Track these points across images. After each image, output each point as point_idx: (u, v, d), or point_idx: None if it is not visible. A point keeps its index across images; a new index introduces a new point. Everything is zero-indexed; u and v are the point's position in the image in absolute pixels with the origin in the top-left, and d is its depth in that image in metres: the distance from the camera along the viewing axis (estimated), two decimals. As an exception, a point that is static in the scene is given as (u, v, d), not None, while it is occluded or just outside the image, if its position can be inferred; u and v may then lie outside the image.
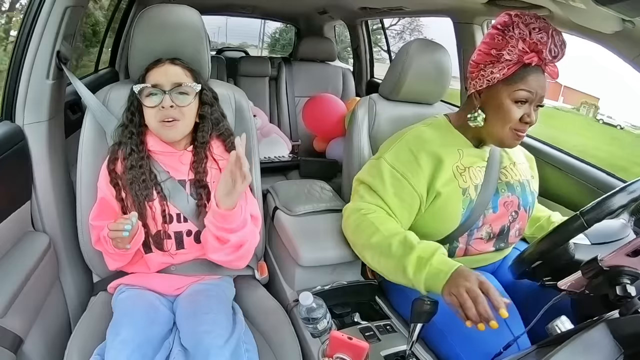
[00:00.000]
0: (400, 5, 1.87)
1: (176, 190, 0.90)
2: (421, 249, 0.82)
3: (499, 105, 0.87)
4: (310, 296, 0.86)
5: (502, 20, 0.86)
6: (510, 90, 0.86)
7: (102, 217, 0.90)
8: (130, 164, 0.88)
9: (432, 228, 0.94)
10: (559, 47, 0.84)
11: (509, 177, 0.97)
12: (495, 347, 0.73)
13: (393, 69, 1.18)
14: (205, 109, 0.93)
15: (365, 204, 0.95)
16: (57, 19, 0.94)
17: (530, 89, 0.85)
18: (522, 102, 0.86)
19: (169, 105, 0.85)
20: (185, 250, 0.92)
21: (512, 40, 0.84)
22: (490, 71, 0.87)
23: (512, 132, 0.89)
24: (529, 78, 0.85)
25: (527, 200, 0.98)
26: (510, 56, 0.84)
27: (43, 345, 0.93)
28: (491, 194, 0.93)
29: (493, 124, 0.90)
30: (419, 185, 0.91)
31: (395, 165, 0.93)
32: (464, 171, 0.93)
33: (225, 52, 3.87)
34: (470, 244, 0.94)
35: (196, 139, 0.93)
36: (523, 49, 0.83)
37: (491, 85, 0.88)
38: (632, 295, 0.62)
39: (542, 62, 0.85)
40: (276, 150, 2.16)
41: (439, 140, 0.95)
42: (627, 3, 0.68)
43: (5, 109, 0.96)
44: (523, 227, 1.00)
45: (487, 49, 0.88)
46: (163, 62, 0.90)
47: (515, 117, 0.87)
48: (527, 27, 0.83)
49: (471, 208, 0.91)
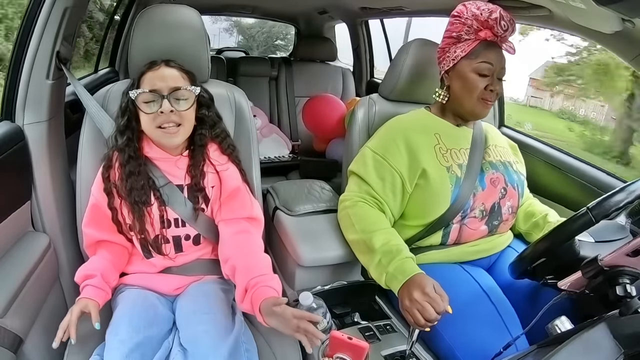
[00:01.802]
0: (400, 5, 1.87)
1: (174, 195, 0.89)
2: (382, 253, 0.89)
3: (464, 78, 0.98)
4: (310, 296, 0.86)
5: (458, 9, 0.99)
6: (472, 64, 0.97)
7: (94, 224, 0.90)
8: (129, 170, 0.86)
9: (426, 208, 0.97)
10: (508, 22, 0.96)
11: (492, 157, 1.04)
12: (495, 347, 0.73)
13: (393, 69, 1.18)
14: (202, 111, 0.92)
15: (350, 194, 1.03)
16: (57, 19, 0.94)
17: (489, 60, 0.96)
18: (484, 75, 0.97)
19: (168, 110, 0.83)
20: (184, 253, 0.92)
21: (467, 21, 0.96)
22: (453, 51, 0.99)
23: (480, 101, 0.98)
24: (486, 52, 0.96)
25: (512, 178, 1.03)
26: (468, 35, 0.97)
27: (43, 345, 0.93)
28: (477, 171, 0.99)
29: (462, 96, 1.00)
30: (398, 164, 0.98)
31: (377, 150, 1.02)
32: (446, 152, 1.00)
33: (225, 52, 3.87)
34: (465, 223, 0.98)
35: (193, 142, 0.91)
36: (477, 27, 0.96)
37: (456, 63, 0.99)
38: (632, 295, 0.62)
39: (497, 38, 0.96)
40: (276, 150, 2.16)
41: (416, 124, 1.04)
42: (627, 3, 0.68)
43: (5, 109, 0.96)
44: (515, 205, 1.03)
45: (448, 34, 1.01)
46: (158, 64, 0.88)
47: (480, 86, 0.97)
48: (478, 9, 0.96)
49: (459, 186, 0.96)
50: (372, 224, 0.95)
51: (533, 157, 1.33)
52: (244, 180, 0.95)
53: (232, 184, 0.92)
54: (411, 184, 0.98)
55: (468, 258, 1.01)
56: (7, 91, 0.95)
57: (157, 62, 0.89)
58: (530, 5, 1.07)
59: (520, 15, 1.14)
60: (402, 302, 0.82)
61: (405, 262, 0.87)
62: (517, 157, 1.13)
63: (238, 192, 0.92)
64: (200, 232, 0.91)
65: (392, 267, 0.86)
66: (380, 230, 0.93)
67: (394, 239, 0.92)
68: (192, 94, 0.87)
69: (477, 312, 0.86)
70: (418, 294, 0.79)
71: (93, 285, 0.83)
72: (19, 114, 0.96)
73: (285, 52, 5.15)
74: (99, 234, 0.90)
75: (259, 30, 5.63)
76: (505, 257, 1.04)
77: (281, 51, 5.39)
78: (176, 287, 0.92)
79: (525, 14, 1.12)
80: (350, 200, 1.01)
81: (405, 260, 0.87)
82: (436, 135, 1.01)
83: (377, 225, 0.95)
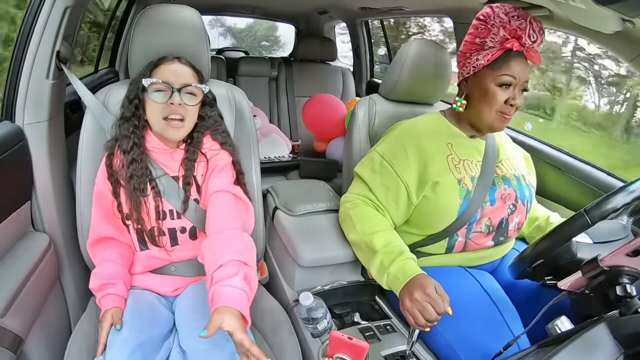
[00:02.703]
0: (400, 5, 1.87)
1: (170, 187, 0.90)
2: (383, 254, 0.89)
3: (485, 89, 0.92)
4: (310, 296, 0.86)
5: (485, 12, 0.93)
6: (494, 75, 0.91)
7: (102, 218, 0.90)
8: (132, 157, 0.87)
9: (431, 220, 0.95)
10: (537, 33, 0.89)
11: (505, 171, 0.99)
12: (495, 347, 0.73)
13: (393, 69, 1.18)
14: (205, 109, 0.94)
15: (352, 195, 1.01)
16: (57, 19, 0.94)
17: (513, 73, 0.90)
18: (507, 85, 0.91)
19: (177, 103, 0.85)
20: (180, 247, 0.92)
21: (493, 29, 0.90)
22: (475, 58, 0.93)
23: (499, 114, 0.93)
24: (511, 63, 0.90)
25: (523, 193, 0.99)
26: (493, 43, 0.91)
27: (43, 345, 0.93)
28: (488, 186, 0.95)
29: (480, 108, 0.94)
30: (405, 175, 0.95)
31: (385, 155, 0.98)
32: (458, 163, 0.96)
33: (225, 52, 3.87)
34: (470, 238, 0.95)
35: (191, 137, 0.93)
36: (504, 36, 0.89)
37: (477, 71, 0.94)
38: (632, 295, 0.62)
39: (523, 48, 0.90)
40: (276, 150, 2.16)
41: (430, 132, 0.99)
42: (627, 3, 0.68)
43: (5, 109, 0.96)
44: (522, 220, 1.00)
45: (472, 38, 0.95)
46: (171, 59, 0.90)
47: (500, 100, 0.91)
48: (507, 15, 0.90)
49: (469, 199, 0.93)
50: (373, 225, 0.94)
51: (533, 157, 1.33)
52: (235, 169, 0.94)
53: (220, 163, 0.92)
54: (418, 196, 0.94)
55: (471, 264, 1.00)
56: (7, 91, 0.95)
57: (169, 57, 0.91)
58: (530, 5, 1.07)
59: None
60: (402, 302, 0.82)
61: (407, 263, 0.86)
62: (529, 169, 1.09)
63: (223, 169, 0.91)
64: (195, 225, 0.91)
65: (394, 268, 0.86)
66: (381, 231, 0.93)
67: (395, 240, 0.92)
68: (201, 91, 0.90)
69: (478, 311, 0.86)
70: (419, 294, 0.79)
71: (116, 295, 0.84)
72: (19, 113, 0.96)
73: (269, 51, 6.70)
74: (107, 228, 0.90)
75: (247, 34, 6.96)
76: (507, 258, 1.04)
77: (266, 51, 6.78)
78: (175, 287, 0.92)
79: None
80: (351, 202, 1.00)
81: (407, 261, 0.87)
82: (449, 145, 0.97)
83: (379, 227, 0.94)
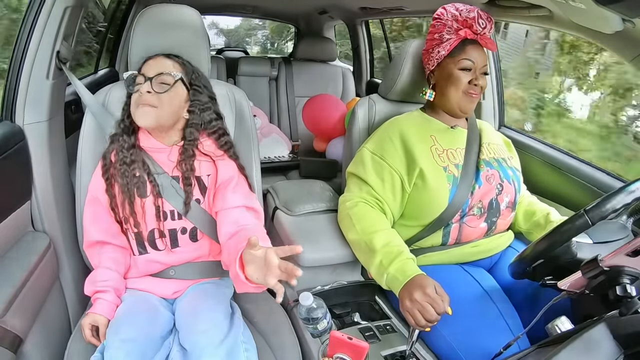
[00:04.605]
0: (400, 5, 1.87)
1: (169, 187, 0.89)
2: (383, 254, 0.90)
3: (448, 75, 1.03)
4: (310, 296, 0.86)
5: (439, 12, 1.05)
6: (455, 61, 1.02)
7: (94, 221, 0.90)
8: (123, 156, 0.88)
9: (425, 208, 0.98)
10: (486, 20, 1.02)
11: (485, 155, 1.06)
12: (495, 347, 0.73)
13: (392, 69, 1.18)
14: (194, 105, 0.91)
15: (350, 194, 1.03)
16: (56, 19, 0.94)
17: (471, 57, 1.01)
18: (467, 70, 1.01)
19: (145, 91, 0.85)
20: (181, 249, 0.91)
21: (448, 22, 1.03)
22: (437, 51, 1.04)
23: (466, 95, 1.02)
24: (468, 49, 1.01)
25: (507, 173, 1.05)
26: (449, 35, 1.02)
27: (43, 345, 0.93)
28: (473, 170, 1.01)
29: (448, 92, 1.03)
30: (396, 164, 1.00)
31: (375, 151, 1.03)
32: (442, 153, 1.02)
33: (225, 52, 3.88)
34: (464, 222, 0.98)
35: (184, 137, 0.92)
36: (457, 27, 1.01)
37: (440, 62, 1.04)
38: (632, 295, 0.62)
39: (476, 35, 1.02)
40: (276, 150, 2.15)
41: (412, 126, 1.06)
42: (627, 3, 0.68)
43: (5, 109, 0.96)
44: (512, 200, 1.04)
45: (431, 35, 1.06)
46: (159, 55, 0.91)
47: (464, 81, 1.01)
48: (457, 10, 1.02)
49: (457, 184, 0.98)
50: (372, 225, 0.95)
51: (533, 157, 1.33)
52: (242, 174, 0.95)
53: (228, 173, 0.92)
54: (410, 184, 0.99)
55: (469, 259, 1.01)
56: (7, 91, 0.95)
57: (159, 54, 0.91)
58: (530, 5, 1.07)
59: (520, 15, 1.14)
60: (402, 303, 0.82)
61: (406, 263, 0.87)
62: (511, 153, 1.15)
63: (233, 181, 0.92)
64: (196, 225, 0.91)
65: (393, 268, 0.87)
66: (381, 231, 0.93)
67: (395, 239, 0.93)
68: (172, 78, 0.88)
69: (478, 311, 0.86)
70: (419, 294, 0.79)
71: (107, 301, 0.85)
72: (19, 113, 0.96)
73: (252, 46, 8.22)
74: (99, 234, 0.90)
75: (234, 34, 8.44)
76: (507, 257, 1.04)
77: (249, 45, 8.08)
78: (175, 290, 0.92)
79: (525, 14, 1.12)
80: (350, 201, 1.01)
81: (406, 261, 0.87)
82: (432, 137, 1.03)
83: (378, 226, 0.95)
